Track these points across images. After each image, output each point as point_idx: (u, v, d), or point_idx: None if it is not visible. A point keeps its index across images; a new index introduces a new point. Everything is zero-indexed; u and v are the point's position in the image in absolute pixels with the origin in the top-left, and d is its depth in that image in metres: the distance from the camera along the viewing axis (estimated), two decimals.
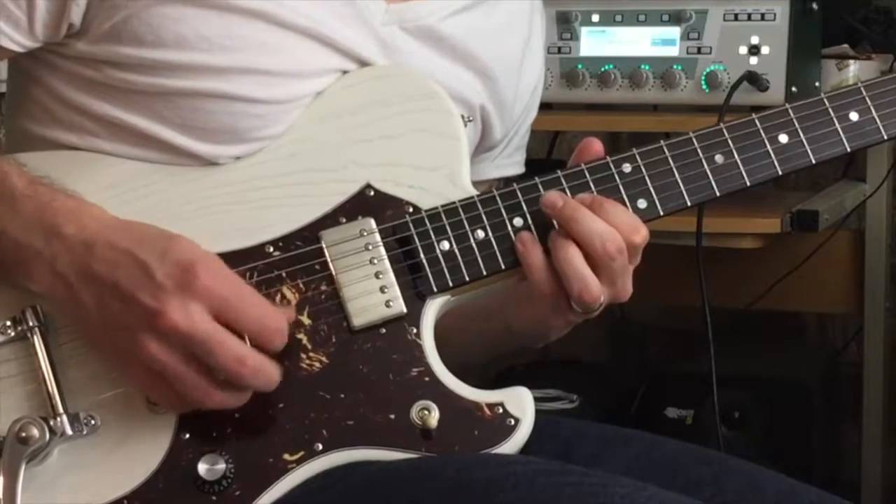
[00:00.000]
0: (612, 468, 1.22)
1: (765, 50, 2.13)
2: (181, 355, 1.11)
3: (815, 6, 2.19)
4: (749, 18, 2.14)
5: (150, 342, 1.10)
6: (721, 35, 2.15)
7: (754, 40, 2.13)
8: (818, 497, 1.23)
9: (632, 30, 2.21)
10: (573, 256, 1.18)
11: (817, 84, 2.25)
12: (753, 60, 2.13)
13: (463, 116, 1.26)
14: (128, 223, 1.15)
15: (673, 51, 2.19)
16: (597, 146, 1.24)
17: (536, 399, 1.19)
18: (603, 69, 2.21)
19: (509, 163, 1.44)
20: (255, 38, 1.20)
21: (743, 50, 2.14)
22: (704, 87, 2.15)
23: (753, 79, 2.09)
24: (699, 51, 2.16)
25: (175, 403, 1.14)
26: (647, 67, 2.19)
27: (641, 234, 1.19)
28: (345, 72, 1.24)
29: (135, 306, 1.10)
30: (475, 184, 1.25)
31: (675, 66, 2.17)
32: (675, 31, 2.18)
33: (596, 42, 2.24)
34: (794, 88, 2.12)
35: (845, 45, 2.31)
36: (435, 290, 1.20)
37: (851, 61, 2.27)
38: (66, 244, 1.13)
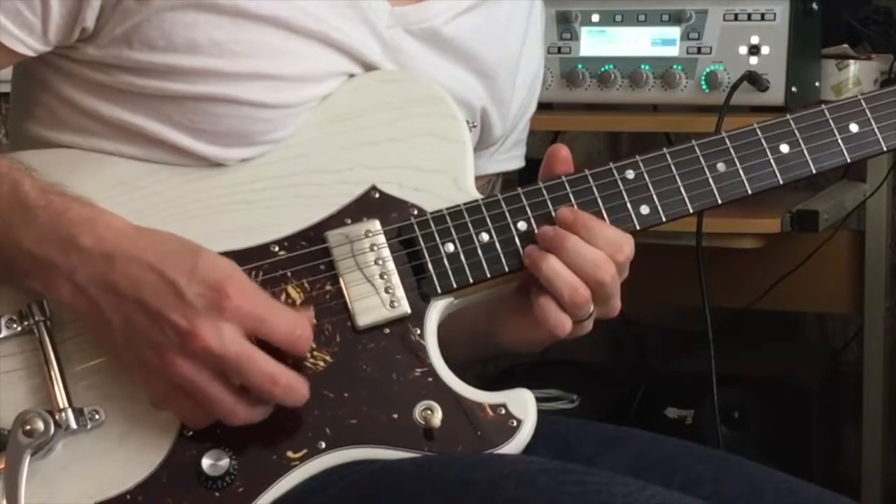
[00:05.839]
0: (611, 467, 1.22)
1: (765, 50, 2.12)
2: (210, 373, 1.10)
3: (815, 6, 2.19)
4: (749, 18, 2.14)
5: (180, 361, 1.10)
6: (721, 35, 2.15)
7: (754, 40, 2.13)
8: (818, 495, 1.23)
9: (632, 30, 2.21)
10: (556, 266, 1.18)
11: (817, 84, 2.25)
12: (753, 60, 2.13)
13: (467, 121, 1.26)
14: (146, 232, 1.14)
15: (673, 51, 2.18)
16: (564, 151, 1.24)
17: (536, 399, 1.20)
18: (603, 69, 2.21)
19: (507, 157, 1.45)
20: (266, 42, 1.20)
21: (743, 50, 2.13)
22: (704, 87, 2.15)
23: (753, 79, 2.09)
24: (699, 51, 2.16)
25: (198, 419, 1.13)
26: (647, 67, 2.18)
27: (625, 252, 1.20)
28: (350, 75, 1.25)
29: (164, 325, 1.10)
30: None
31: (675, 66, 2.16)
32: (675, 31, 2.18)
33: (596, 42, 2.24)
34: (794, 88, 2.12)
35: (845, 45, 2.30)
36: (439, 291, 1.20)
37: (851, 61, 2.26)
38: (84, 256, 1.12)
